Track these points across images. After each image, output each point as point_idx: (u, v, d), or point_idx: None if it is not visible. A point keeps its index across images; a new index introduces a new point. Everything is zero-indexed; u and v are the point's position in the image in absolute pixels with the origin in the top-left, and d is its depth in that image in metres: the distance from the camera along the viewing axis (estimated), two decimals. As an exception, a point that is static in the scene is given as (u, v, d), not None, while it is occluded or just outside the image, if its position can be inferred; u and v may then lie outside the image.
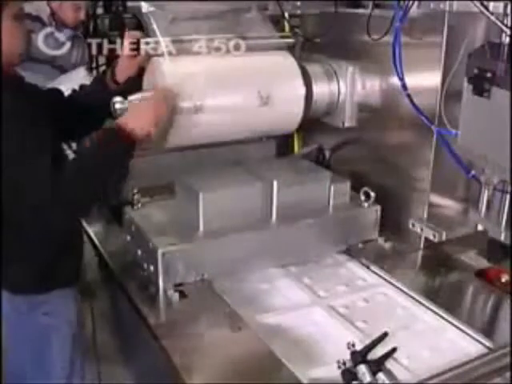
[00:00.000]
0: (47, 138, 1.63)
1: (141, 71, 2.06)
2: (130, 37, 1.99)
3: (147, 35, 2.05)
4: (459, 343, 1.72)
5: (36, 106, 1.66)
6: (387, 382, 1.48)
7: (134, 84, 2.05)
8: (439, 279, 2.06)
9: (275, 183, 2.08)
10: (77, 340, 1.95)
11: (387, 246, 2.23)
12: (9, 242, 1.74)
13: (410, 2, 1.94)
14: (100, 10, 2.99)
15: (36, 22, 3.01)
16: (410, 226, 2.16)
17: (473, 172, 1.93)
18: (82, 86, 2.08)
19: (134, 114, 1.78)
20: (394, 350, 1.61)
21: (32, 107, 1.64)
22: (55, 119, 1.72)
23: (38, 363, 1.87)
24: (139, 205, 2.12)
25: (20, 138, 1.57)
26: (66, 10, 3.11)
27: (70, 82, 2.42)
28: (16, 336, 1.83)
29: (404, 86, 2.03)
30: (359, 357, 1.52)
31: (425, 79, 2.03)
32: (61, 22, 3.11)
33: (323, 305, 1.88)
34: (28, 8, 2.94)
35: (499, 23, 1.65)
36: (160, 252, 1.86)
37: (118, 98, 1.85)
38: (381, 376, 1.48)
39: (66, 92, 2.06)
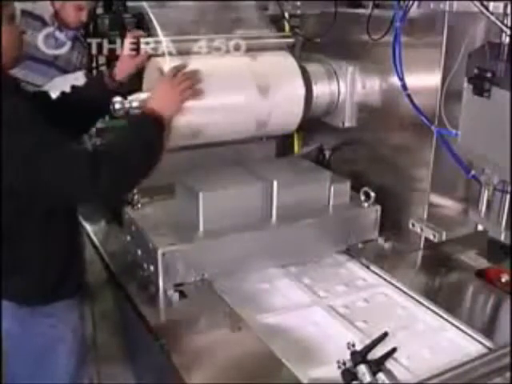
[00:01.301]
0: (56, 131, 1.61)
1: (141, 71, 2.07)
2: (131, 36, 1.99)
3: (149, 35, 2.06)
4: (459, 343, 1.72)
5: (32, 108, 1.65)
6: (387, 382, 1.48)
7: (133, 83, 2.05)
8: (439, 279, 2.06)
9: (275, 183, 2.08)
10: (81, 346, 1.95)
11: (387, 246, 2.23)
12: (15, 252, 1.74)
13: (410, 2, 1.94)
14: (100, 10, 2.99)
15: (37, 21, 3.01)
16: (410, 226, 2.16)
17: (473, 172, 1.93)
18: (74, 86, 2.05)
19: (157, 95, 1.80)
20: (393, 350, 1.61)
21: (30, 107, 1.63)
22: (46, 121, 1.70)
23: (42, 373, 1.85)
24: (139, 205, 2.12)
25: (36, 133, 1.56)
26: (68, 10, 3.11)
27: (65, 84, 2.41)
28: (20, 347, 1.80)
29: (404, 86, 2.03)
30: (359, 357, 1.52)
31: (425, 79, 2.03)
32: (62, 22, 3.11)
33: (323, 305, 1.88)
34: (31, 6, 2.94)
35: (499, 23, 1.65)
36: (160, 252, 1.86)
37: (117, 98, 1.86)
38: (381, 376, 1.48)
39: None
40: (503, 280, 1.98)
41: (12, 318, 1.77)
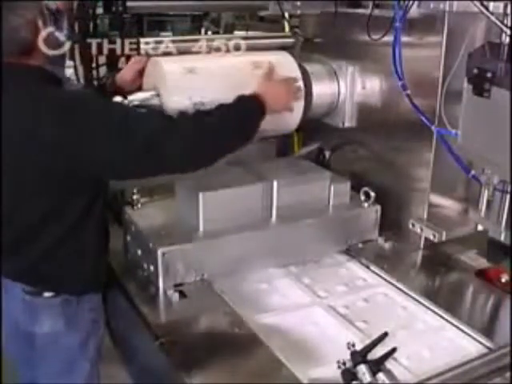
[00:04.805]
0: None
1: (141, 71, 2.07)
2: (136, 61, 2.03)
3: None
4: (459, 343, 1.72)
5: None
6: (387, 381, 1.48)
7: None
8: (439, 279, 2.06)
9: (275, 183, 2.08)
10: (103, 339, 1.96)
11: (387, 246, 2.23)
12: (64, 245, 1.73)
13: (410, 2, 1.94)
14: (100, 10, 2.98)
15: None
16: (410, 226, 2.16)
17: (473, 172, 1.93)
18: None
19: (273, 89, 1.91)
20: (393, 350, 1.61)
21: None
22: None
23: (71, 368, 1.84)
24: (139, 205, 2.12)
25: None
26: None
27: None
28: (60, 345, 1.78)
29: (404, 86, 2.03)
30: (359, 357, 1.52)
31: (425, 79, 2.03)
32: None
33: (323, 305, 1.88)
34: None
35: (499, 23, 1.65)
36: (160, 252, 1.86)
37: (117, 98, 1.85)
38: (381, 376, 1.49)
39: None
40: (503, 280, 1.98)
41: (58, 317, 1.76)
